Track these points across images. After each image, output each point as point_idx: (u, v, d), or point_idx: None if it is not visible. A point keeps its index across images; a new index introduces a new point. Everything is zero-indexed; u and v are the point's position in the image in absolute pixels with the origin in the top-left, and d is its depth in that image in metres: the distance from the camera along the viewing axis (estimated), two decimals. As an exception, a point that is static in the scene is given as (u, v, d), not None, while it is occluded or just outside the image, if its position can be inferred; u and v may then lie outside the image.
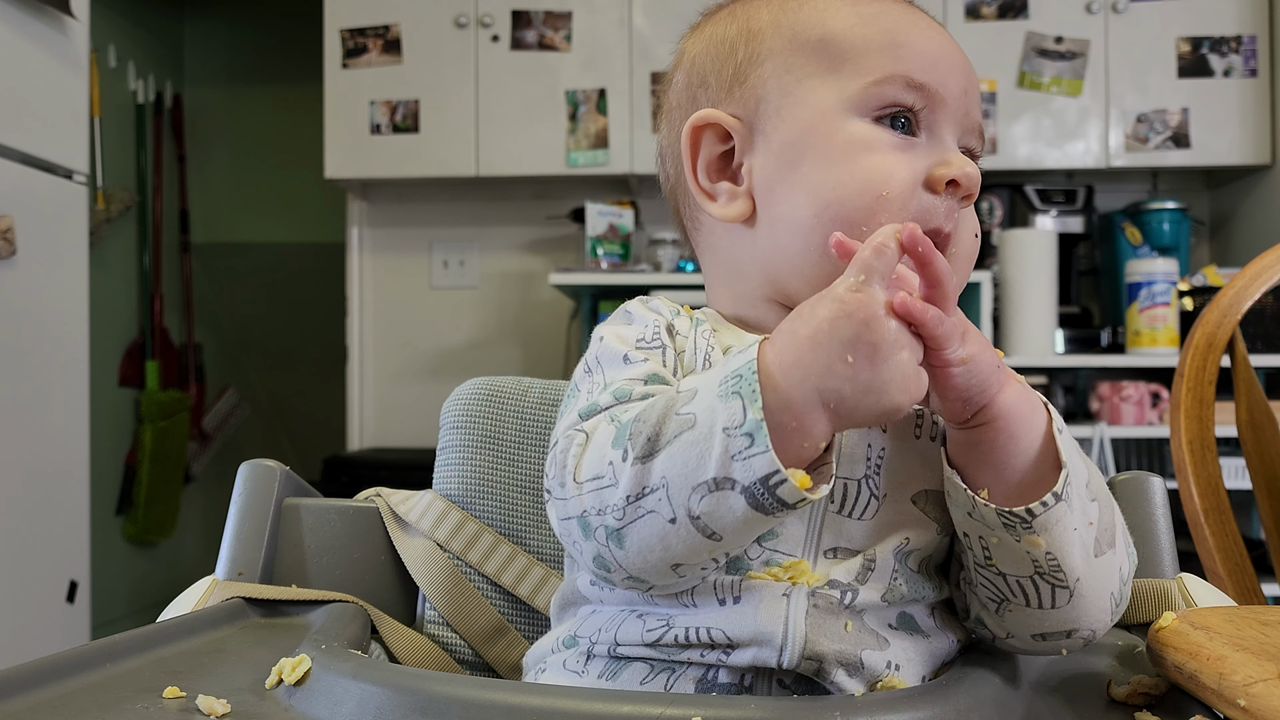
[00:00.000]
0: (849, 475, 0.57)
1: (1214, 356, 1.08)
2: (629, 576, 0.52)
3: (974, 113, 0.64)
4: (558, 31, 2.88)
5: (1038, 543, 0.51)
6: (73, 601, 2.24)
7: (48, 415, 2.17)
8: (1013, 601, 0.54)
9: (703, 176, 0.66)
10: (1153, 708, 0.51)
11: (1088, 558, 0.52)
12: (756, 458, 0.47)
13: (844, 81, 0.62)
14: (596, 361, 0.61)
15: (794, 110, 0.63)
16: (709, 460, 0.48)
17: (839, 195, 0.59)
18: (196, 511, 3.89)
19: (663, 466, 0.49)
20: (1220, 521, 1.04)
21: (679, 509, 0.49)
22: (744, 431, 0.47)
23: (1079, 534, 0.52)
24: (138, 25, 3.61)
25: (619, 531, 0.50)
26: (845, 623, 0.54)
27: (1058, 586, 0.52)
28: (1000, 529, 0.52)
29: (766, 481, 0.47)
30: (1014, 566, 0.53)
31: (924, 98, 0.61)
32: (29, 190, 2.11)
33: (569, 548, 0.55)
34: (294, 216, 3.92)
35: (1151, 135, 2.76)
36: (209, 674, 0.55)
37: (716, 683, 0.54)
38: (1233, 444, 1.34)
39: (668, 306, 0.66)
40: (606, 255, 2.80)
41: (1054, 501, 0.51)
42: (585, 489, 0.52)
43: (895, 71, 0.61)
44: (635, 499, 0.50)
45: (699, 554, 0.50)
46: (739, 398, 0.48)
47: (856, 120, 0.61)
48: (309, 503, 0.79)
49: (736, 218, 0.65)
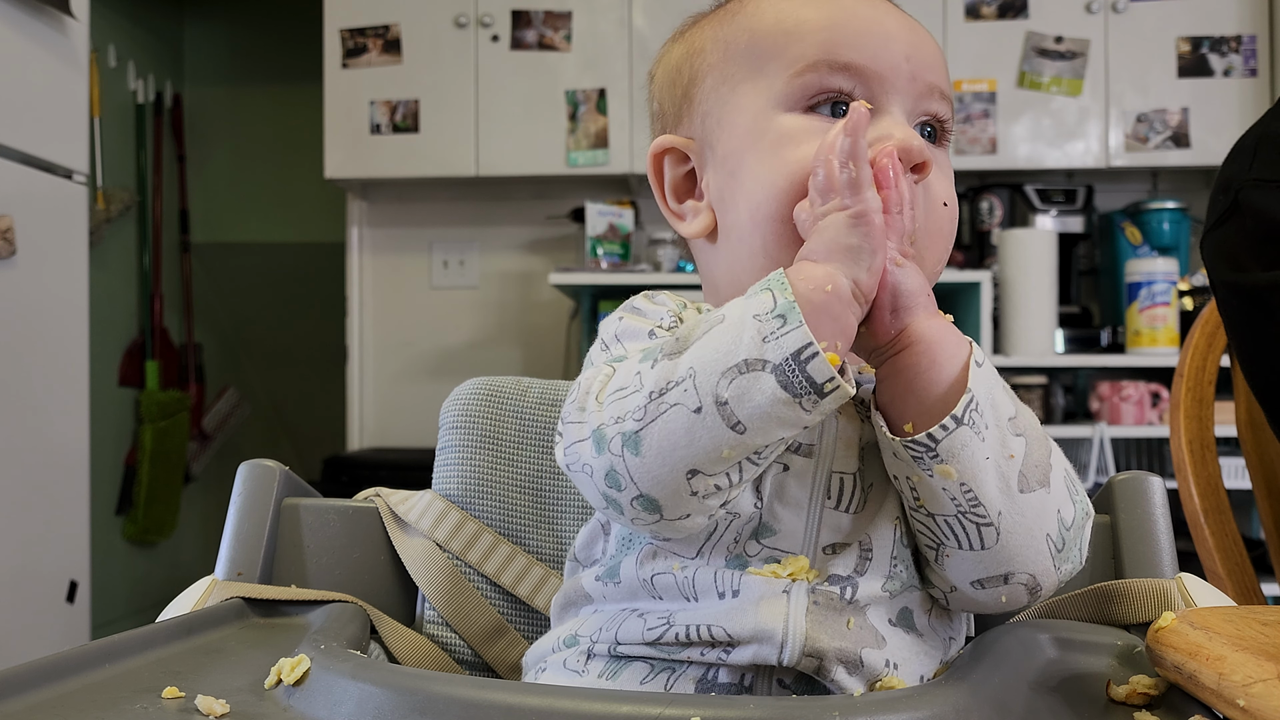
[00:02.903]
0: (844, 470, 0.57)
1: (1214, 356, 1.08)
2: (640, 495, 0.52)
3: (925, 75, 0.61)
4: (558, 31, 2.88)
5: (949, 472, 0.51)
6: (73, 601, 2.24)
7: (48, 415, 2.17)
8: (946, 545, 0.55)
9: (671, 199, 0.67)
10: (1152, 708, 0.51)
11: (1008, 491, 0.52)
12: (790, 334, 0.49)
13: (770, 79, 0.61)
14: (615, 338, 0.61)
15: (731, 118, 0.63)
16: (740, 344, 0.49)
17: (767, 192, 0.59)
18: (196, 511, 3.89)
19: (691, 358, 0.50)
20: (1220, 521, 1.04)
21: (705, 396, 0.49)
22: (776, 314, 0.49)
23: (993, 464, 0.52)
24: (138, 25, 3.61)
25: (637, 435, 0.51)
26: (848, 619, 0.55)
27: (981, 524, 0.53)
28: (912, 465, 0.52)
29: (798, 356, 0.48)
30: (938, 505, 0.53)
31: (854, 77, 0.59)
32: (29, 190, 2.11)
33: (576, 478, 0.55)
34: (294, 216, 3.92)
35: (1151, 135, 2.76)
36: (208, 674, 0.55)
37: (716, 682, 0.54)
38: (1233, 444, 1.34)
39: (675, 300, 0.66)
40: (606, 255, 2.80)
41: (954, 425, 0.51)
42: (607, 403, 0.53)
43: (818, 58, 0.59)
44: (660, 394, 0.50)
45: (719, 452, 0.50)
46: (768, 291, 0.51)
47: (785, 115, 0.60)
48: (309, 503, 0.79)
49: (701, 233, 0.65)
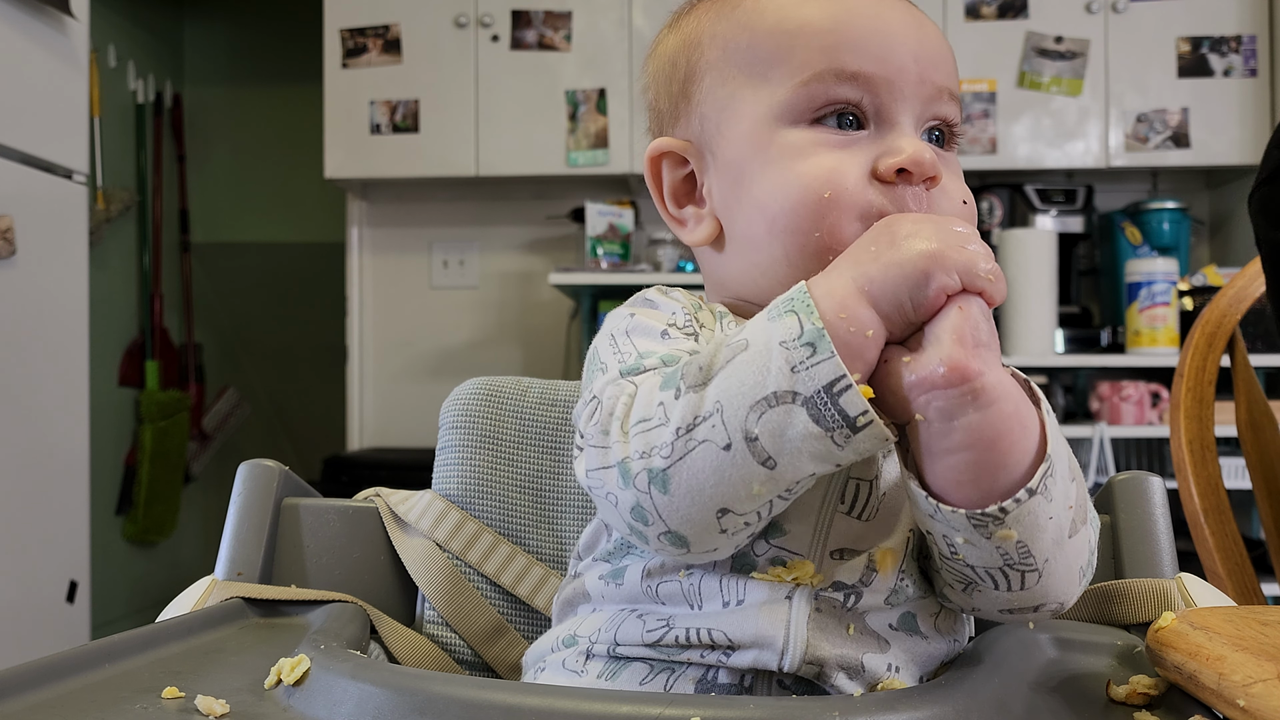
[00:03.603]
0: (861, 476, 0.56)
1: (1214, 356, 1.08)
2: (668, 531, 0.50)
3: (935, 77, 0.59)
4: (558, 31, 2.88)
5: (1010, 536, 0.48)
6: (72, 601, 2.24)
7: (48, 415, 2.17)
8: (981, 585, 0.53)
9: (670, 204, 0.65)
10: (1152, 708, 0.51)
11: (1060, 540, 0.50)
12: (821, 365, 0.46)
13: (773, 88, 0.58)
14: (625, 334, 0.59)
15: (732, 125, 0.60)
16: (768, 375, 0.47)
17: (782, 205, 0.57)
18: (196, 511, 3.89)
19: (717, 391, 0.48)
20: (1220, 521, 1.04)
21: (735, 432, 0.47)
22: (804, 341, 0.47)
23: (1055, 521, 0.49)
24: (138, 25, 3.61)
25: (665, 473, 0.48)
26: (848, 625, 0.54)
27: (1027, 572, 0.51)
28: (968, 530, 0.49)
29: (831, 389, 0.46)
30: (982, 560, 0.51)
31: (862, 86, 0.57)
32: (29, 190, 2.11)
33: (600, 503, 0.53)
34: (294, 216, 3.92)
35: (1151, 135, 2.76)
36: (208, 674, 0.55)
37: (716, 683, 0.54)
38: (1233, 444, 1.34)
39: (689, 298, 0.64)
40: (606, 255, 2.80)
41: (1028, 497, 0.48)
42: (632, 434, 0.50)
43: (824, 67, 0.57)
44: (687, 430, 0.48)
45: (750, 489, 0.48)
46: (793, 314, 0.48)
47: (789, 129, 0.58)
48: (308, 503, 0.79)
49: (705, 241, 0.64)
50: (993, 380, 0.46)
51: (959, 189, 0.59)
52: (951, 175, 0.59)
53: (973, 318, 0.47)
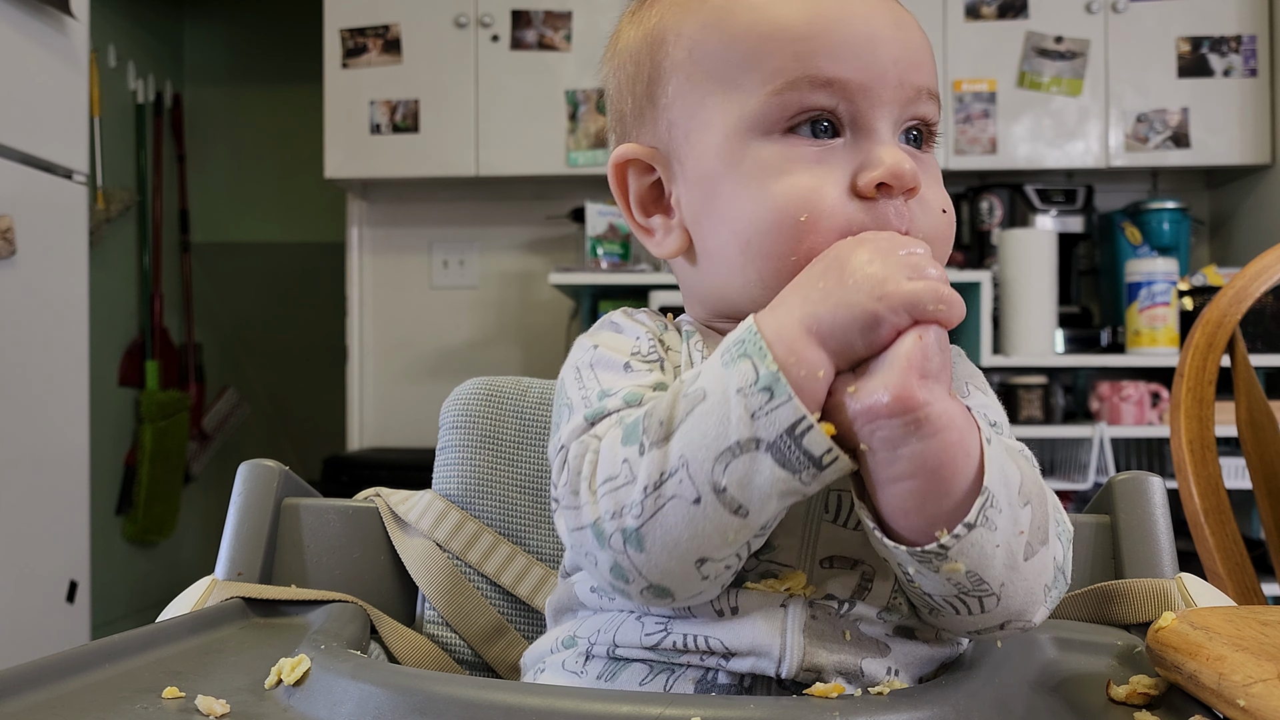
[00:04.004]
0: (844, 487, 0.54)
1: (1214, 356, 1.08)
2: (650, 586, 0.50)
3: (914, 79, 0.56)
4: (558, 31, 2.88)
5: (957, 568, 0.48)
6: (73, 601, 2.24)
7: (48, 415, 2.17)
8: (941, 611, 0.52)
9: (637, 212, 0.62)
10: (1152, 708, 0.51)
11: (1014, 565, 0.49)
12: (780, 409, 0.46)
13: (744, 96, 0.55)
14: (590, 366, 0.58)
15: (701, 135, 0.57)
16: (729, 424, 0.46)
17: (757, 229, 0.55)
18: (196, 511, 3.89)
19: (680, 444, 0.47)
20: (1220, 521, 1.04)
21: (703, 485, 0.47)
22: (761, 386, 0.46)
23: (1002, 549, 0.48)
24: (138, 25, 3.61)
25: (638, 532, 0.48)
26: (844, 631, 0.54)
27: (984, 597, 0.50)
28: (913, 564, 0.49)
29: (792, 432, 0.46)
30: (936, 589, 0.50)
31: (838, 93, 0.54)
32: (29, 190, 2.11)
33: (581, 561, 0.53)
34: (294, 216, 3.92)
35: (1151, 135, 2.76)
36: (208, 674, 0.55)
37: (716, 683, 0.54)
38: (1233, 444, 1.34)
39: (653, 320, 0.63)
40: (606, 255, 2.80)
41: (966, 531, 0.47)
42: (600, 492, 0.50)
43: (797, 74, 0.54)
44: (655, 487, 0.48)
45: (725, 537, 0.48)
46: (747, 359, 0.47)
47: (761, 141, 0.55)
48: (308, 503, 0.79)
49: (674, 253, 0.61)
50: (938, 410, 0.46)
51: (938, 197, 0.58)
52: (930, 182, 0.57)
53: (925, 347, 0.46)
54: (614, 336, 0.61)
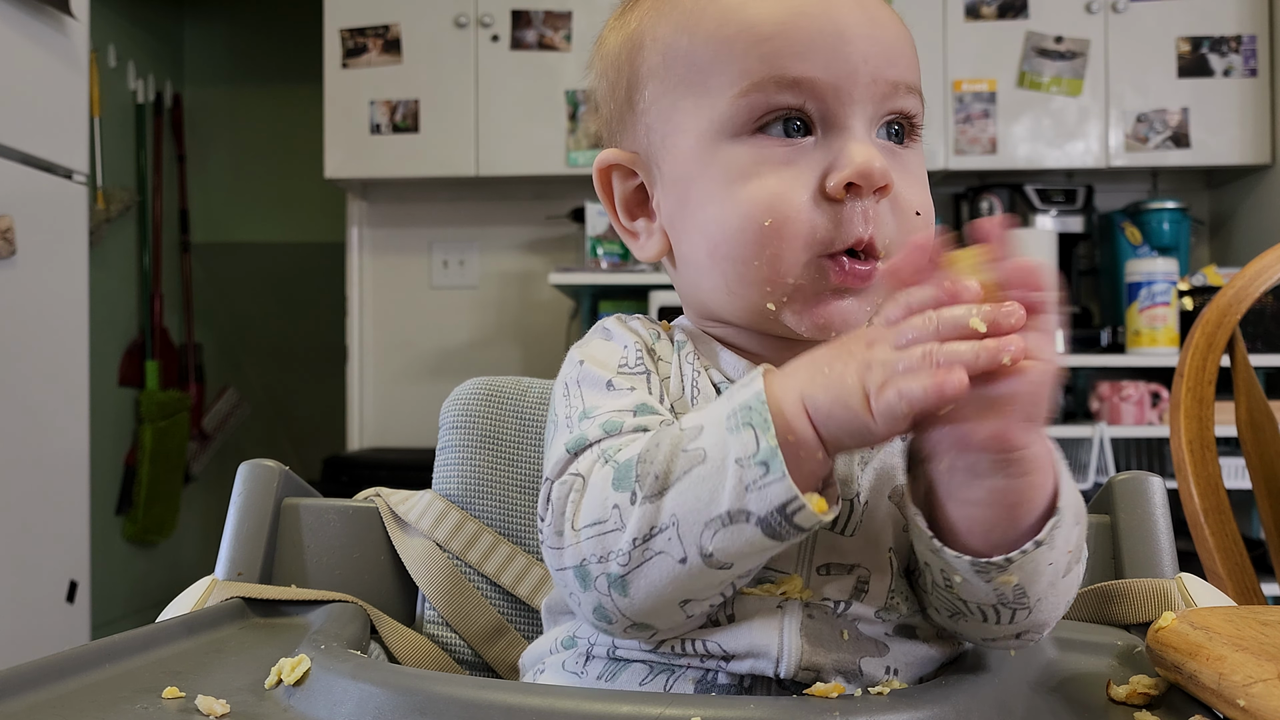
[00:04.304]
0: (844, 496, 0.55)
1: (1214, 356, 1.08)
2: (633, 625, 0.51)
3: (889, 74, 0.55)
4: (558, 31, 2.88)
5: (1010, 580, 0.48)
6: (73, 601, 2.24)
7: (48, 415, 2.17)
8: (969, 618, 0.52)
9: (623, 215, 0.62)
10: (1152, 708, 0.51)
11: (1055, 582, 0.50)
12: (772, 486, 0.45)
13: (714, 99, 0.55)
14: (576, 384, 0.58)
15: (675, 140, 0.57)
16: (722, 494, 0.46)
17: (723, 233, 0.55)
18: (196, 511, 3.89)
19: (673, 504, 0.47)
20: (1220, 521, 1.04)
21: (690, 547, 0.47)
22: (758, 460, 0.45)
23: (1054, 566, 0.49)
24: (138, 25, 3.61)
25: (623, 579, 0.48)
26: (842, 631, 0.54)
27: (1019, 609, 0.50)
28: (969, 572, 0.48)
29: (784, 510, 0.45)
30: (976, 596, 0.50)
31: (805, 92, 0.53)
32: (29, 190, 2.11)
33: (566, 599, 0.53)
34: (294, 216, 3.92)
35: (1151, 135, 2.76)
36: (208, 674, 0.55)
37: (716, 683, 0.54)
38: (1233, 444, 1.34)
39: (647, 328, 0.62)
40: (606, 255, 2.80)
41: (1034, 549, 0.47)
42: (584, 535, 0.49)
43: (764, 75, 0.53)
44: (644, 540, 0.47)
45: (710, 588, 0.49)
46: (750, 428, 0.46)
47: (729, 144, 0.55)
48: (308, 503, 0.79)
49: (655, 257, 0.61)
50: (1032, 454, 0.45)
51: (915, 196, 0.56)
52: (908, 180, 0.56)
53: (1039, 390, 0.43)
54: (603, 346, 0.61)
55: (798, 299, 0.55)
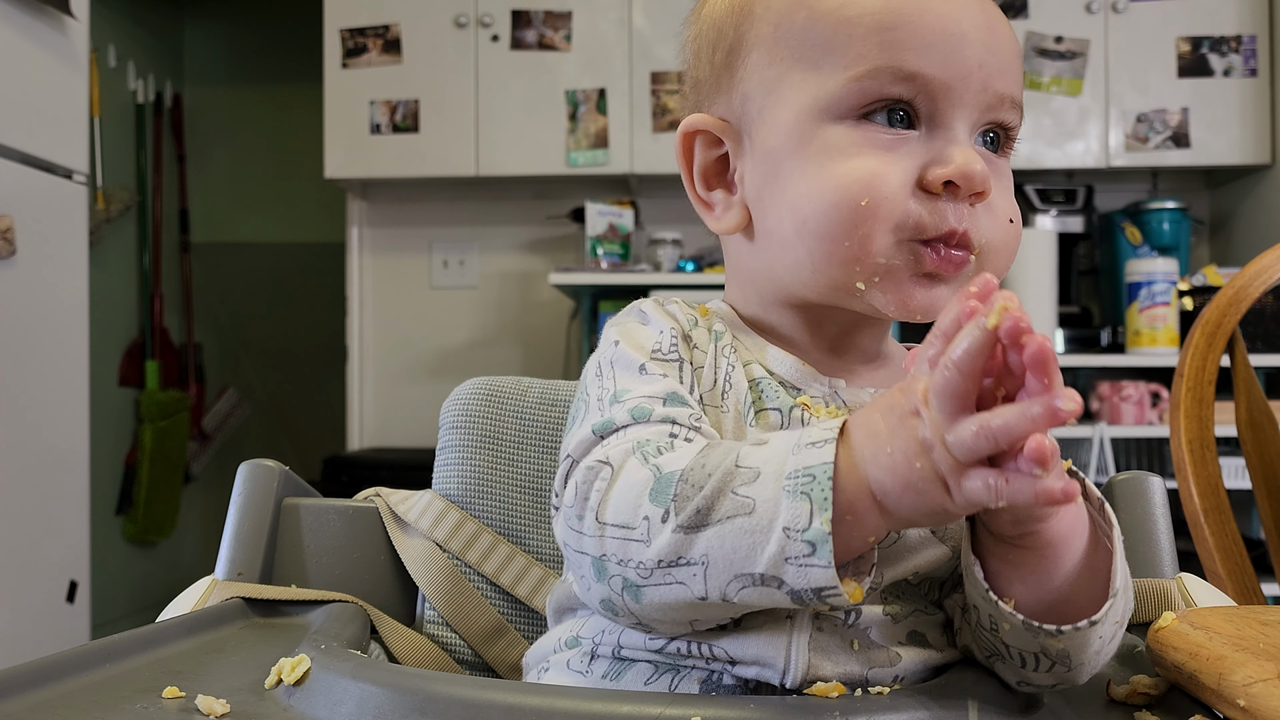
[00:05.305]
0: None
1: (1214, 356, 1.08)
2: (638, 623, 0.51)
3: (997, 84, 0.55)
4: (558, 31, 2.88)
5: (1057, 644, 0.48)
6: (73, 601, 2.24)
7: (48, 415, 2.17)
8: (1008, 661, 0.52)
9: (700, 185, 0.62)
10: (1152, 708, 0.51)
11: (1101, 650, 0.50)
12: (814, 570, 0.44)
13: (824, 77, 0.55)
14: (610, 364, 0.57)
15: (775, 112, 0.57)
16: (760, 555, 0.45)
17: (815, 209, 0.54)
18: (196, 511, 3.89)
19: (707, 544, 0.46)
20: (1220, 521, 1.04)
21: (713, 590, 0.46)
22: (806, 539, 0.44)
23: (1103, 638, 0.49)
24: (138, 25, 3.61)
25: (639, 589, 0.48)
26: (852, 641, 0.53)
27: (1059, 665, 0.50)
28: (1020, 628, 0.48)
29: (819, 592, 0.44)
30: (1020, 645, 0.50)
31: (918, 86, 0.53)
32: (29, 190, 2.11)
33: (574, 578, 0.53)
34: (294, 216, 3.92)
35: (1151, 135, 2.76)
36: (208, 674, 0.55)
37: (721, 684, 0.54)
38: (1233, 444, 1.34)
39: (684, 313, 0.61)
40: (606, 255, 2.80)
41: (1088, 626, 0.47)
42: (609, 533, 0.49)
43: (881, 63, 0.53)
44: (668, 565, 0.47)
45: (722, 617, 0.50)
46: (807, 500, 0.44)
47: (832, 124, 0.55)
48: (308, 503, 0.79)
49: (732, 229, 0.60)
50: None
51: (1006, 205, 0.57)
52: (1001, 188, 0.56)
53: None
54: (638, 329, 0.60)
55: (889, 280, 0.55)
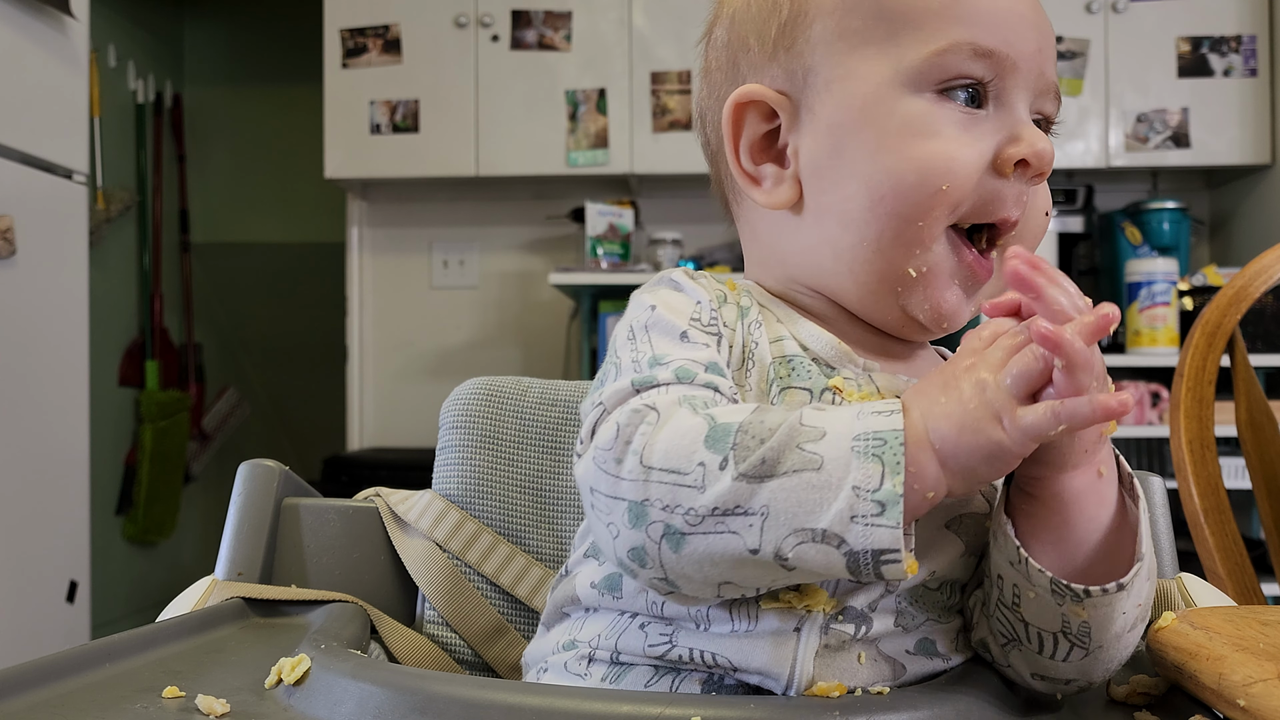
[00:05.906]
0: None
1: (1214, 356, 1.08)
2: (663, 579, 0.48)
3: (1049, 72, 0.56)
4: (558, 31, 2.88)
5: (1080, 613, 0.48)
6: (73, 601, 2.24)
7: (48, 415, 2.17)
8: (1025, 645, 0.51)
9: (745, 158, 0.60)
10: (1152, 708, 0.51)
11: (1120, 634, 0.50)
12: (881, 530, 0.44)
13: (902, 50, 0.54)
14: (644, 328, 0.55)
15: (845, 84, 0.56)
16: (826, 510, 0.44)
17: (894, 187, 0.54)
18: (196, 511, 3.89)
19: (770, 495, 0.45)
20: (1220, 521, 1.04)
21: (768, 544, 0.45)
22: (876, 498, 0.44)
23: (1125, 616, 0.49)
24: (138, 25, 3.61)
25: (684, 537, 0.46)
26: (859, 654, 0.52)
27: (1076, 647, 0.50)
28: (1046, 592, 0.49)
29: (879, 555, 0.44)
30: (1041, 620, 0.50)
31: (993, 66, 0.54)
32: (29, 190, 2.11)
33: (597, 528, 0.50)
34: (294, 216, 3.92)
35: (1151, 135, 2.76)
36: (208, 674, 0.55)
37: (723, 685, 0.53)
38: (1233, 444, 1.34)
39: (714, 288, 0.60)
40: (606, 255, 2.80)
41: (1116, 590, 0.48)
42: (655, 476, 0.47)
43: (960, 38, 0.53)
44: (724, 513, 0.45)
45: (758, 580, 0.48)
46: (879, 461, 0.44)
47: (913, 97, 0.54)
48: (308, 503, 0.79)
49: (782, 205, 0.59)
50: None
51: (1047, 196, 0.58)
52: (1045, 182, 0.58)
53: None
54: (674, 295, 0.58)
55: (932, 274, 0.55)
